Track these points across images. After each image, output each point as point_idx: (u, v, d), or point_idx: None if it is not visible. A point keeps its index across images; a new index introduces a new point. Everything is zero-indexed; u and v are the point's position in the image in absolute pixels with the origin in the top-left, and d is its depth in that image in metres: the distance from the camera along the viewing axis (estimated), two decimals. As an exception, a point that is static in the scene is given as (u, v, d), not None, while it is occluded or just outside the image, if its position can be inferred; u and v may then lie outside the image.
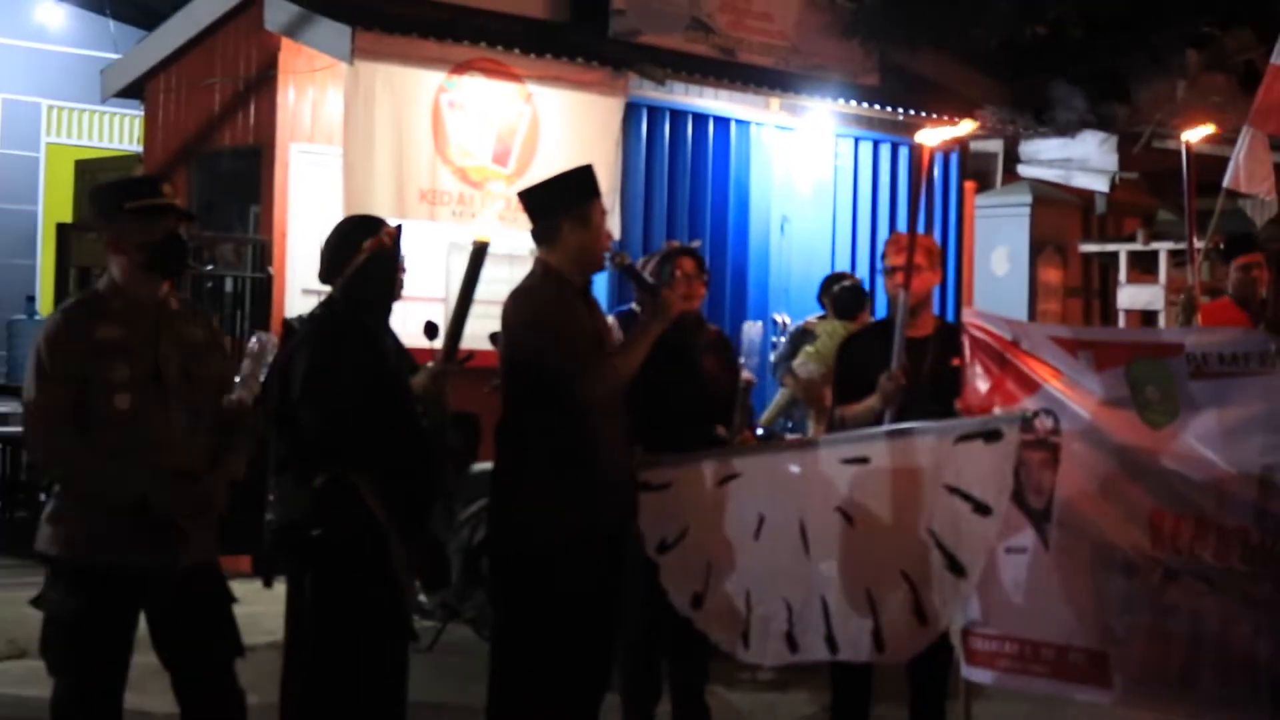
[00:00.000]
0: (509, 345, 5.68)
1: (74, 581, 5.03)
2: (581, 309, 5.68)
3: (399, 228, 5.46)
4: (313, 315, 5.43)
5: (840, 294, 10.65)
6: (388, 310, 5.46)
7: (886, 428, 6.04)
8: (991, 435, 5.67)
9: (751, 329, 6.61)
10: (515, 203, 10.23)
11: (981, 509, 5.60)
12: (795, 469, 6.08)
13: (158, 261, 5.13)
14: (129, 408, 4.99)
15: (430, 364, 5.32)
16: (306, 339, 5.30)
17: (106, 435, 4.98)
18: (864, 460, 5.92)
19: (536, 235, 5.75)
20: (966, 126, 8.12)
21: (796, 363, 10.53)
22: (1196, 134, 7.65)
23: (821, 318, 10.87)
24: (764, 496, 6.05)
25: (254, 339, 5.17)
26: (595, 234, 5.70)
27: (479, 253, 5.22)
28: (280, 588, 5.43)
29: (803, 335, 10.79)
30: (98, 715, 5.09)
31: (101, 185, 5.44)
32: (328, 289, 5.46)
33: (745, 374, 6.61)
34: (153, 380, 5.05)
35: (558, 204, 5.71)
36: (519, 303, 5.66)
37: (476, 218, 10.94)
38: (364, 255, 5.30)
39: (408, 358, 5.47)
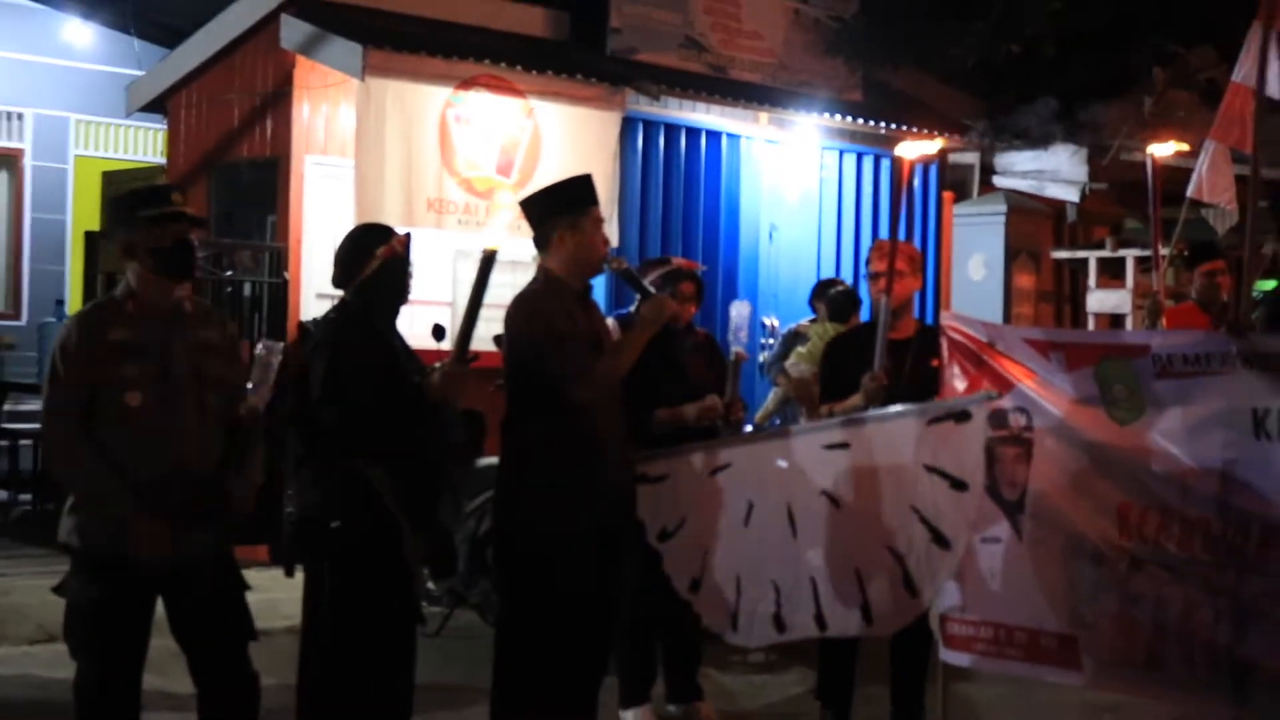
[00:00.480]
0: (510, 348, 5.68)
1: (92, 570, 5.04)
2: (579, 313, 5.67)
3: (408, 235, 5.46)
4: (328, 319, 5.42)
5: (835, 298, 10.70)
6: (396, 313, 5.47)
7: (862, 414, 6.06)
8: (961, 416, 5.72)
9: (740, 307, 6.62)
10: (519, 211, 10.22)
11: (959, 485, 5.65)
12: (780, 456, 6.10)
13: (167, 266, 5.12)
14: (139, 405, 4.99)
15: (438, 364, 5.33)
16: (324, 342, 5.30)
17: (118, 432, 4.98)
18: (844, 445, 5.94)
19: (537, 242, 5.75)
20: (940, 142, 8.12)
21: (789, 363, 10.54)
22: (1163, 150, 7.66)
23: (813, 321, 10.91)
24: (752, 484, 6.07)
25: (260, 346, 5.15)
26: (590, 240, 5.68)
27: (487, 261, 5.22)
28: (297, 575, 5.43)
29: (795, 337, 10.82)
30: (118, 698, 5.09)
31: (117, 195, 5.45)
32: (340, 293, 5.47)
33: (736, 349, 6.60)
34: (162, 379, 5.05)
35: (554, 212, 5.71)
36: (519, 307, 5.67)
37: (483, 226, 10.94)
38: (378, 262, 5.32)
39: (414, 358, 5.49)
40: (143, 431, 5.00)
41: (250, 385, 5.11)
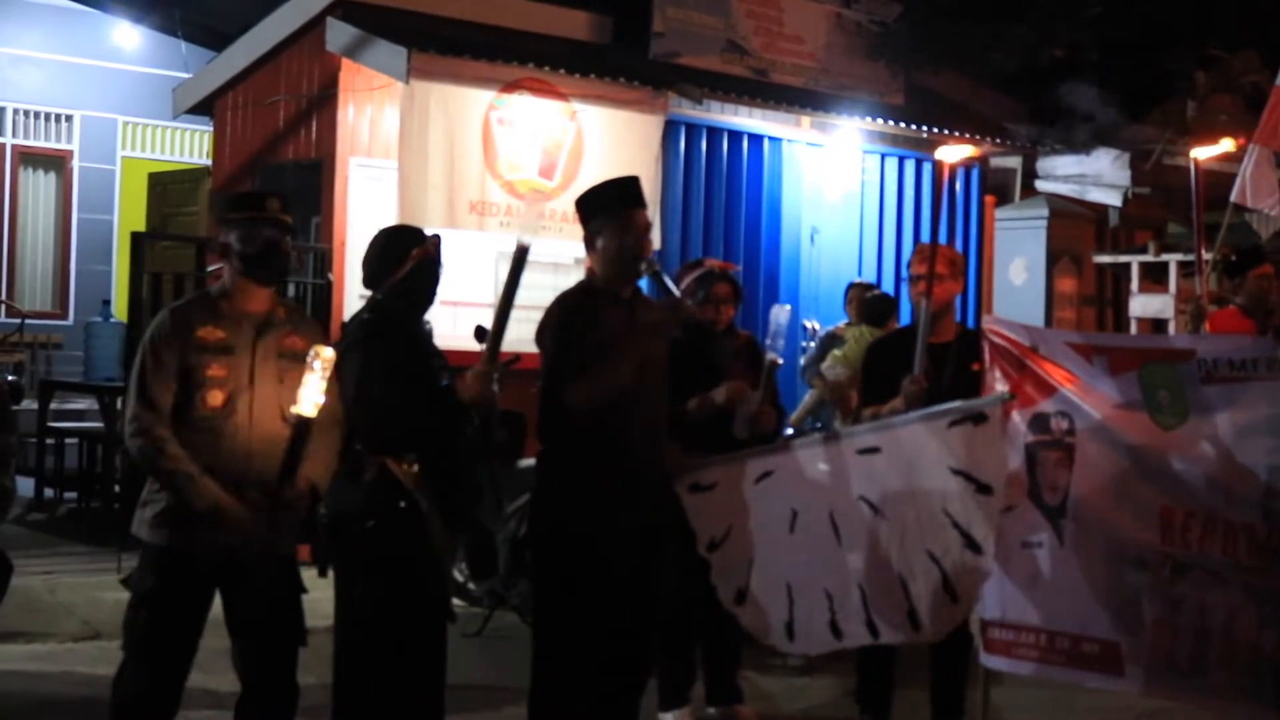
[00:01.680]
0: (539, 348, 5.67)
1: (163, 565, 5.05)
2: (610, 318, 5.60)
3: (438, 237, 5.45)
4: (360, 319, 5.44)
5: (871, 301, 10.71)
6: (424, 311, 5.46)
7: (888, 419, 6.00)
8: (978, 418, 5.64)
9: (779, 312, 6.52)
10: (558, 213, 10.24)
11: (984, 489, 5.57)
12: (819, 462, 6.04)
13: (254, 269, 5.16)
14: (221, 405, 5.03)
15: (472, 367, 5.31)
16: (357, 342, 5.32)
17: (196, 432, 5.00)
18: (875, 450, 5.89)
19: (585, 241, 5.74)
20: (980, 146, 8.03)
21: (824, 365, 10.54)
22: (1206, 152, 7.59)
23: (847, 324, 10.90)
24: (794, 491, 6.02)
25: (310, 353, 5.13)
26: (628, 242, 5.62)
27: (520, 255, 5.20)
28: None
29: (831, 340, 10.81)
30: (159, 692, 5.08)
31: (221, 197, 5.49)
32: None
33: (770, 355, 6.54)
34: (247, 382, 5.08)
35: (594, 212, 5.68)
36: (547, 309, 5.66)
37: (519, 222, 10.94)
38: (412, 263, 5.32)
39: (442, 357, 5.47)
40: (221, 432, 5.03)
41: (304, 392, 5.08)
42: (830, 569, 5.91)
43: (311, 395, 5.04)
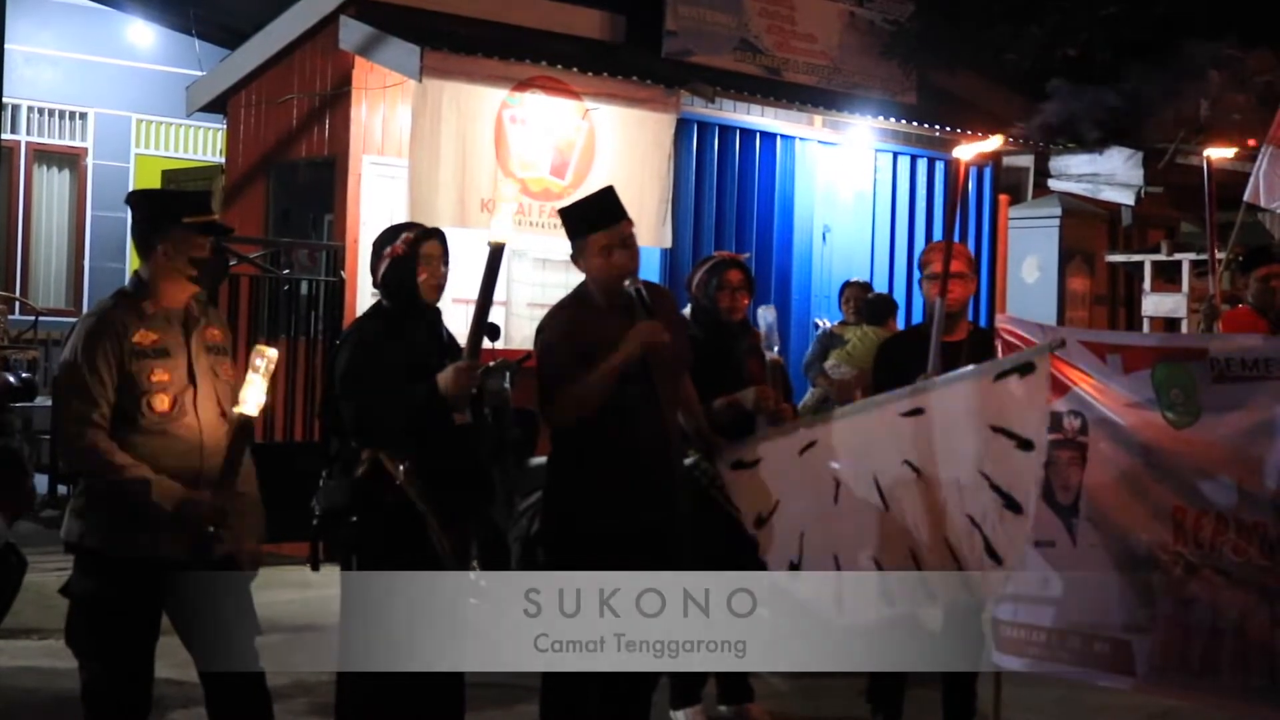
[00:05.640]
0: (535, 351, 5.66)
1: (105, 571, 4.91)
2: (600, 325, 5.53)
3: (418, 235, 5.41)
4: (361, 317, 5.49)
5: (872, 301, 10.85)
6: (418, 308, 5.44)
7: (934, 380, 5.94)
8: (1025, 369, 5.59)
9: (767, 312, 6.52)
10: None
11: (1025, 445, 5.49)
12: (862, 429, 6.00)
13: (207, 275, 5.07)
14: (169, 409, 4.90)
15: (493, 363, 5.31)
16: (347, 338, 5.40)
17: (145, 437, 4.87)
18: (920, 411, 5.84)
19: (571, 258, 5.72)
20: (996, 142, 8.01)
21: (829, 364, 10.60)
22: (1220, 152, 7.58)
23: (843, 323, 11.00)
24: (838, 459, 5.99)
25: (254, 352, 5.10)
26: (603, 260, 5.52)
27: (495, 254, 5.18)
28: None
29: (830, 339, 10.89)
30: (127, 697, 4.97)
31: (149, 193, 5.31)
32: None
33: (771, 355, 6.52)
34: (188, 382, 4.96)
35: (573, 229, 5.64)
36: (545, 315, 5.65)
37: (537, 227, 10.94)
38: (386, 262, 5.35)
39: (455, 356, 5.43)
40: (172, 435, 4.90)
41: (248, 391, 4.98)
42: (877, 537, 5.85)
43: (255, 395, 4.95)
